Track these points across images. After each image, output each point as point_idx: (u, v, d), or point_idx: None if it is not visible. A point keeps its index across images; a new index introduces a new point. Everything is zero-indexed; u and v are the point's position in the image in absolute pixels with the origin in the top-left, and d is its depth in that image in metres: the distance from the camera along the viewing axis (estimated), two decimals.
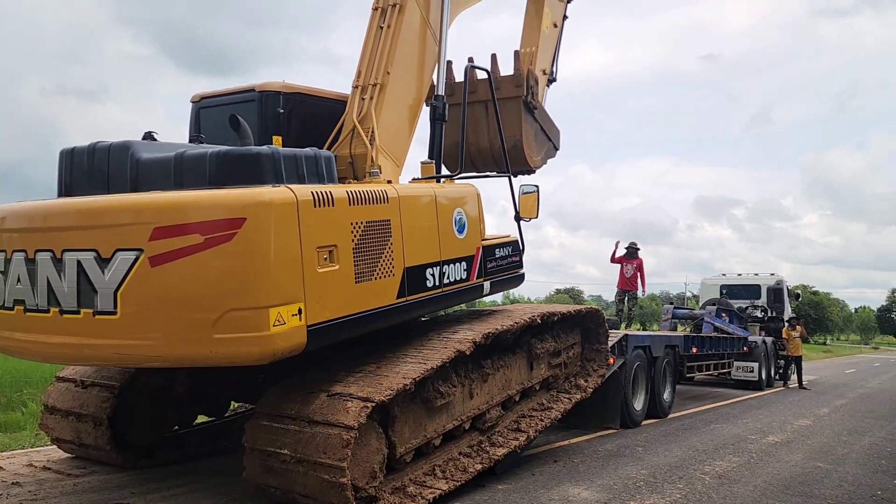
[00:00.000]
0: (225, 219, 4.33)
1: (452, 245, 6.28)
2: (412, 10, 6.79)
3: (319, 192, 4.80)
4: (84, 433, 6.41)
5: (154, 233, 4.37)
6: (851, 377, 24.76)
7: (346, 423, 4.81)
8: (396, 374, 5.35)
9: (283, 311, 4.41)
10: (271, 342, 4.35)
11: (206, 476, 6.39)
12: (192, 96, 6.83)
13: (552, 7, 10.77)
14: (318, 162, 5.33)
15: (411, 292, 5.64)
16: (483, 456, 6.29)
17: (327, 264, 4.78)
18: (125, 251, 4.42)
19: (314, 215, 4.69)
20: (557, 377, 7.91)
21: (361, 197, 5.20)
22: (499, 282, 7.11)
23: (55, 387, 6.79)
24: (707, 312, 17.32)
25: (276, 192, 4.54)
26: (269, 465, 5.08)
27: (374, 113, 6.27)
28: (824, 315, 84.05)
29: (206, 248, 4.30)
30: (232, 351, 4.37)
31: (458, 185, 6.81)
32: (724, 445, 9.09)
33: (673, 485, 6.83)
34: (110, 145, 5.16)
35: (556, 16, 11.07)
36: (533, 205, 7.50)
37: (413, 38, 6.86)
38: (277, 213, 4.45)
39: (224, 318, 4.29)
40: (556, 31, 11.06)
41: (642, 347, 10.73)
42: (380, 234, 5.31)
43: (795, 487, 6.98)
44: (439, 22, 7.12)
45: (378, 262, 5.27)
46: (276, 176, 4.85)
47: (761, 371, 17.16)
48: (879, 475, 7.80)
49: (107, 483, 6.05)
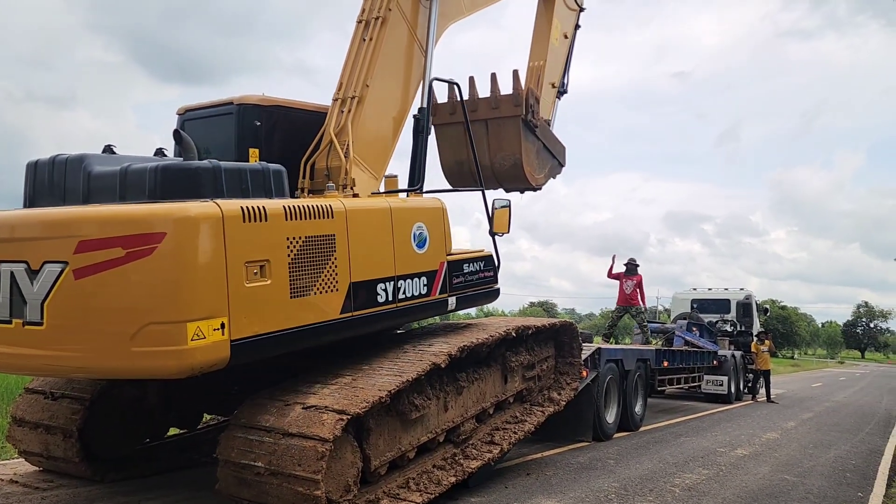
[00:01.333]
0: (145, 233, 4.36)
1: (410, 260, 6.20)
2: (397, 23, 6.82)
3: (250, 207, 4.73)
4: (53, 445, 6.31)
5: (78, 246, 4.43)
6: (818, 391, 25.20)
7: (322, 435, 4.81)
8: (372, 386, 5.37)
9: (203, 325, 4.38)
10: (189, 356, 4.34)
11: (176, 489, 6.34)
12: (178, 109, 6.85)
13: (562, 18, 10.82)
14: (266, 176, 5.33)
15: (359, 307, 5.56)
16: (457, 468, 6.31)
17: (257, 279, 4.73)
18: (52, 263, 4.50)
19: (243, 230, 4.65)
20: (531, 390, 7.97)
21: (300, 212, 5.12)
22: (468, 297, 7.03)
23: (24, 398, 6.68)
24: (678, 326, 17.53)
25: (199, 207, 4.52)
26: (242, 477, 5.06)
27: (351, 126, 6.31)
28: (792, 329, 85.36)
29: (126, 261, 4.34)
30: (150, 364, 4.39)
31: (421, 199, 6.73)
32: (694, 458, 9.22)
33: (643, 497, 6.91)
34: (67, 158, 5.22)
35: (567, 27, 11.13)
36: (505, 220, 7.51)
37: (397, 51, 6.89)
38: (198, 229, 4.44)
39: (142, 331, 4.31)
40: (566, 43, 11.11)
41: (615, 361, 10.85)
42: (321, 249, 5.23)
43: (763, 500, 7.11)
44: (425, 35, 7.15)
45: (319, 277, 5.20)
46: (216, 190, 4.86)
47: (730, 384, 17.40)
48: (844, 487, 7.97)
49: (75, 497, 5.97)
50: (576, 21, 11.39)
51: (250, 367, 6.57)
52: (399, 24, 6.87)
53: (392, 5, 6.86)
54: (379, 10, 6.83)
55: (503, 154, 9.28)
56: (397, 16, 6.83)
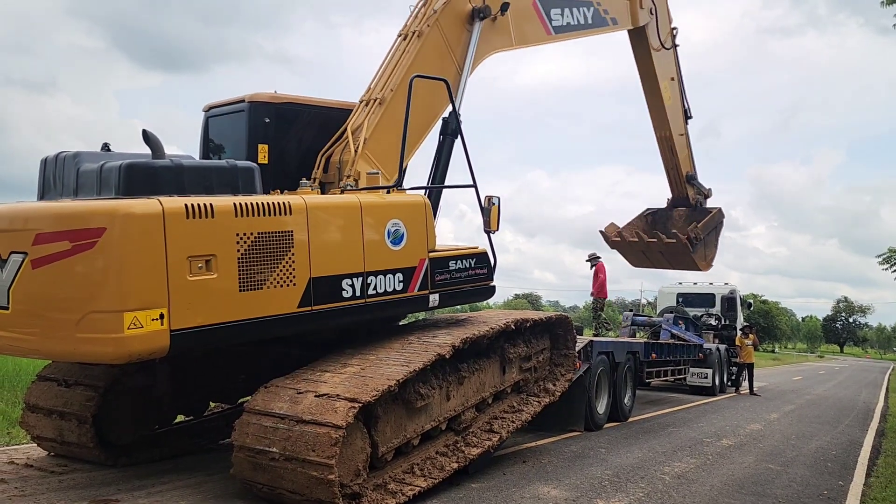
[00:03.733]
0: (88, 228, 4.66)
1: (383, 256, 6.23)
2: (435, 39, 7.15)
3: (195, 204, 4.91)
4: (67, 431, 6.49)
5: (36, 238, 4.82)
6: (799, 384, 25.74)
7: (335, 422, 5.05)
8: (381, 375, 5.61)
9: (141, 315, 4.61)
10: (126, 344, 4.58)
11: (185, 473, 6.54)
12: (203, 106, 7.11)
13: (664, 74, 11.85)
14: (234, 174, 5.56)
15: (319, 301, 5.65)
16: (459, 455, 6.57)
17: (202, 273, 4.91)
18: (16, 254, 4.92)
19: (186, 226, 4.84)
20: (528, 381, 8.23)
21: (252, 208, 5.23)
22: (454, 294, 7.05)
23: (37, 385, 6.85)
24: (665, 320, 17.85)
25: (139, 204, 4.75)
26: (257, 462, 5.28)
27: (367, 124, 6.51)
28: (773, 324, 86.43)
29: (73, 254, 4.67)
30: (91, 350, 4.71)
31: (401, 195, 6.73)
32: (682, 448, 9.54)
33: (636, 484, 7.21)
34: (65, 156, 5.57)
35: (670, 69, 11.96)
36: (493, 217, 7.51)
37: (429, 65, 7.13)
38: (136, 224, 4.67)
39: (85, 319, 4.63)
40: (675, 83, 11.97)
41: (606, 353, 11.13)
42: (276, 245, 5.35)
43: (749, 487, 7.42)
44: (464, 56, 7.51)
45: (273, 271, 5.32)
46: (178, 187, 5.13)
47: (715, 377, 17.77)
48: (826, 476, 8.31)
49: (91, 480, 6.15)
50: (675, 60, 12.29)
51: (255, 357, 6.82)
52: (436, 41, 7.19)
53: (431, 22, 7.21)
54: (419, 25, 7.21)
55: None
56: (436, 33, 7.16)
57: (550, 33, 9.29)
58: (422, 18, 7.43)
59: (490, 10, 7.99)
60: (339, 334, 6.69)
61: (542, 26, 9.17)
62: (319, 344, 6.47)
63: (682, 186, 13.30)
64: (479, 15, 7.87)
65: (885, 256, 25.11)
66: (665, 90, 12.36)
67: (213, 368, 7.22)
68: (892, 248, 25.01)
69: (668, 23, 12.28)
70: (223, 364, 7.11)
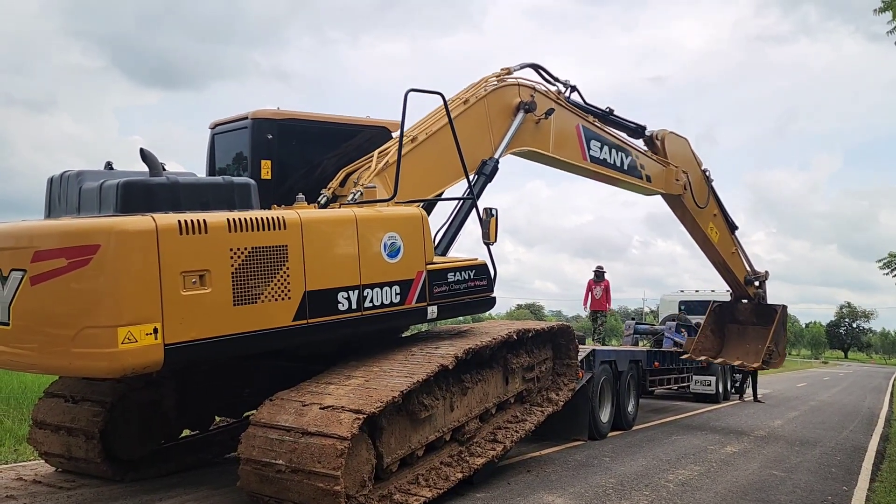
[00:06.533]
0: (83, 245, 4.75)
1: (380, 269, 6.24)
2: (478, 110, 7.92)
3: (188, 220, 4.97)
4: (75, 447, 6.55)
5: (34, 255, 4.92)
6: (803, 390, 25.68)
7: (341, 434, 5.10)
8: (385, 387, 5.66)
9: (135, 330, 4.66)
10: (120, 358, 4.64)
11: (192, 487, 6.59)
12: (210, 123, 7.24)
13: (706, 219, 12.31)
14: (230, 190, 5.63)
15: (315, 315, 5.67)
16: (463, 465, 6.62)
17: (196, 287, 4.96)
18: (17, 271, 5.03)
19: (180, 242, 4.89)
20: (531, 391, 8.28)
21: (245, 224, 5.28)
22: (453, 306, 7.03)
23: (44, 402, 6.91)
24: (667, 328, 17.86)
25: (133, 221, 4.84)
26: (264, 474, 5.34)
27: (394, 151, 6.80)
28: None
29: (68, 270, 4.76)
30: (86, 364, 4.80)
31: (398, 208, 6.71)
32: (686, 455, 9.56)
33: (640, 492, 7.24)
34: (69, 175, 5.68)
35: (712, 210, 12.47)
36: (492, 228, 7.56)
37: (466, 130, 7.64)
38: (130, 240, 4.74)
39: (80, 334, 4.71)
40: (718, 217, 12.56)
41: (609, 362, 11.17)
42: (271, 259, 5.39)
43: (753, 493, 7.45)
44: (502, 137, 8.26)
45: (268, 285, 5.35)
46: (173, 204, 5.21)
47: (718, 385, 17.76)
48: (830, 482, 8.34)
49: (99, 495, 6.21)
50: (712, 195, 12.51)
51: (259, 371, 6.89)
52: (480, 114, 7.91)
53: (480, 96, 7.98)
54: (468, 94, 7.96)
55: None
56: (483, 107, 7.88)
57: (586, 159, 9.82)
58: (473, 90, 8.12)
59: (535, 105, 8.64)
60: (340, 347, 6.74)
61: (580, 149, 9.73)
62: (322, 357, 6.53)
63: (743, 289, 13.66)
64: (525, 107, 8.54)
65: (886, 261, 25.07)
66: (711, 230, 12.45)
67: (218, 383, 7.28)
68: (892, 253, 24.94)
69: (702, 181, 12.17)
70: (228, 378, 7.17)
